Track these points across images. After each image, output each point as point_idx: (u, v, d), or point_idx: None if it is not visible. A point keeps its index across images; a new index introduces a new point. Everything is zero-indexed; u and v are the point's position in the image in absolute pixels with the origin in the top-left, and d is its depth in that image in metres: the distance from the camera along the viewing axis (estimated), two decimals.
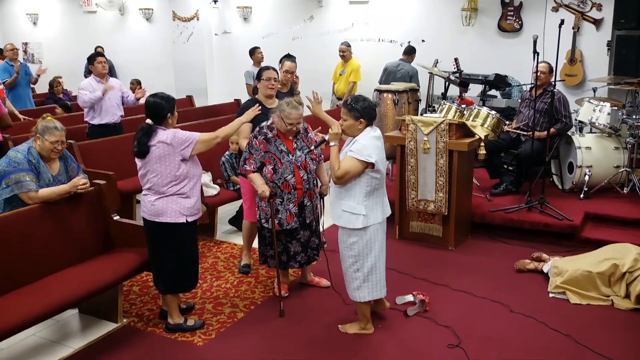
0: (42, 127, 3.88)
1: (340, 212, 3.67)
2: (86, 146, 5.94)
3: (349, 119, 3.61)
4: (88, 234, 4.16)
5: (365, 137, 3.59)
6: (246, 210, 4.80)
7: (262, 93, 4.68)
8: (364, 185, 3.59)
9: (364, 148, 3.53)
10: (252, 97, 4.84)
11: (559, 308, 4.22)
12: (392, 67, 8.24)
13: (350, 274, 3.76)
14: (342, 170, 3.52)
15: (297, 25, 10.04)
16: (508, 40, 8.32)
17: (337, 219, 3.70)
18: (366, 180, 3.59)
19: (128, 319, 4.17)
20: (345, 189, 3.62)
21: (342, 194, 3.65)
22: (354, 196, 3.61)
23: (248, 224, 4.82)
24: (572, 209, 5.53)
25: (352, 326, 3.94)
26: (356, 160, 3.52)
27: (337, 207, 3.69)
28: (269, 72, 4.65)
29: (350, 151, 3.56)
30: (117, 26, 11.95)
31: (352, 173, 3.54)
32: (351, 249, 3.70)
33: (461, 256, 5.18)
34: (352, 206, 3.61)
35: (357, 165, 3.52)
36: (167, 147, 3.63)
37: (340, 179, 3.54)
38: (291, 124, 4.03)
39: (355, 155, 3.52)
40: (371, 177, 3.59)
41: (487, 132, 5.55)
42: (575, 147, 5.94)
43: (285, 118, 4.02)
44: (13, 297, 3.51)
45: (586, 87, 7.69)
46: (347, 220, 3.64)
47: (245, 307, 4.32)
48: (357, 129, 3.62)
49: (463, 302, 4.33)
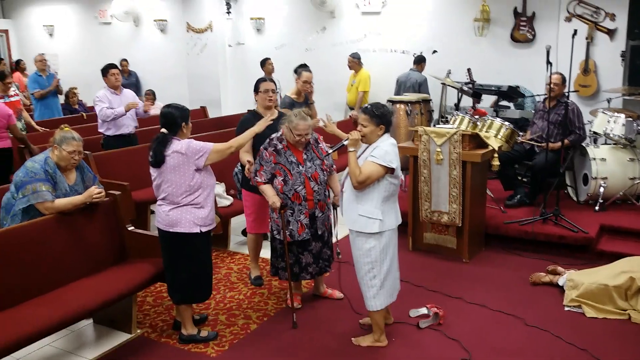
0: (60, 138, 3.92)
1: (356, 217, 3.68)
2: (101, 157, 6.00)
3: (370, 125, 3.65)
4: (103, 244, 4.19)
5: (385, 144, 3.66)
6: (250, 223, 4.80)
7: (260, 105, 4.66)
8: (382, 190, 3.64)
9: (386, 154, 3.59)
10: (251, 111, 4.81)
11: (574, 322, 4.18)
12: (403, 78, 8.28)
13: (367, 282, 3.75)
14: (364, 175, 3.56)
15: (310, 37, 10.09)
16: (521, 51, 8.30)
17: (353, 223, 3.70)
18: (385, 185, 3.64)
19: (142, 330, 4.18)
20: (363, 193, 3.65)
21: (359, 198, 3.66)
22: (371, 200, 3.64)
23: (252, 237, 4.85)
24: (587, 221, 5.48)
25: (365, 339, 3.93)
26: (378, 165, 3.57)
27: (353, 212, 3.69)
28: (266, 84, 4.64)
29: (372, 156, 3.61)
30: (132, 37, 12.07)
31: (373, 178, 3.58)
32: (368, 255, 3.70)
33: (475, 268, 5.15)
34: (369, 210, 3.64)
35: (379, 170, 3.58)
36: (181, 157, 3.66)
37: (361, 183, 3.58)
38: (300, 135, 4.04)
39: (378, 160, 3.57)
40: (390, 182, 3.65)
41: (500, 143, 5.53)
42: (590, 158, 5.90)
43: (294, 129, 4.03)
44: (28, 307, 3.54)
45: (600, 98, 7.65)
46: (363, 225, 3.65)
47: (258, 318, 4.32)
48: (377, 135, 3.68)
49: (477, 315, 4.30)
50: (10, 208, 3.87)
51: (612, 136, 5.98)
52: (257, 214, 4.70)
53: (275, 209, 4.06)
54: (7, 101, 7.12)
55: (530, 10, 8.11)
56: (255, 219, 4.72)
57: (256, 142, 4.29)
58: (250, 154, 4.45)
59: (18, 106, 7.34)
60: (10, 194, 3.91)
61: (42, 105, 8.62)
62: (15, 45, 13.99)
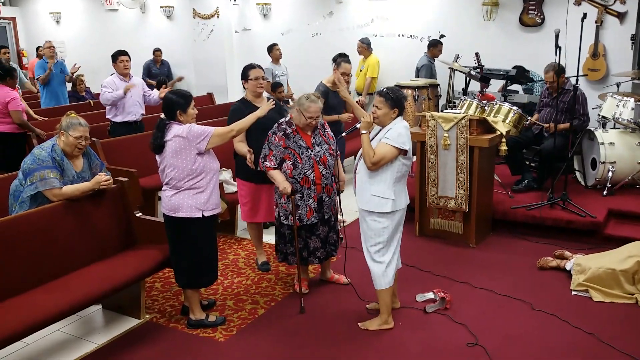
0: (66, 124, 3.94)
1: (369, 197, 3.74)
2: (109, 143, 6.02)
3: (384, 107, 3.72)
4: (111, 230, 4.21)
5: (398, 126, 3.73)
6: (246, 212, 4.81)
7: (250, 92, 4.61)
8: (395, 171, 3.71)
9: (399, 136, 3.67)
10: (241, 99, 4.72)
11: (581, 306, 4.18)
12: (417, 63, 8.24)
13: (376, 259, 3.80)
14: (379, 156, 3.64)
15: (316, 22, 10.03)
16: (530, 35, 8.23)
17: (366, 203, 3.76)
18: (398, 166, 3.71)
19: (150, 315, 4.22)
20: (376, 174, 3.72)
21: (372, 179, 3.73)
22: (384, 181, 3.71)
23: (252, 225, 4.87)
24: (595, 206, 5.46)
25: (372, 322, 3.95)
26: (392, 147, 3.65)
27: (366, 192, 3.76)
28: (256, 71, 4.59)
29: (386, 138, 3.68)
30: (139, 24, 12.06)
31: (387, 159, 3.66)
32: (380, 235, 3.76)
33: (482, 253, 5.15)
34: (381, 190, 3.71)
35: (393, 152, 3.65)
36: (182, 141, 3.67)
37: (375, 164, 3.66)
38: (311, 117, 4.05)
39: (391, 142, 3.65)
40: (402, 163, 3.73)
41: (508, 127, 5.50)
42: (598, 142, 5.86)
43: (305, 111, 4.04)
44: (38, 293, 3.57)
45: (609, 82, 7.58)
46: (376, 205, 3.72)
47: (266, 303, 4.35)
48: (390, 117, 3.75)
49: (484, 300, 4.30)
50: (18, 195, 3.90)
51: (621, 120, 5.93)
52: (253, 203, 4.72)
53: (286, 194, 4.07)
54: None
55: None
56: (252, 207, 4.74)
57: (250, 130, 4.27)
58: (244, 143, 4.44)
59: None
60: (19, 181, 3.93)
61: (48, 93, 8.62)
62: (22, 33, 14.00)
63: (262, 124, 4.20)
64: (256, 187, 4.62)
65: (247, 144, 4.43)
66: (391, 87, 3.86)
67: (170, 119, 3.75)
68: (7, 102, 6.38)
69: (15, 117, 6.44)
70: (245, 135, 4.46)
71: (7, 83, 6.56)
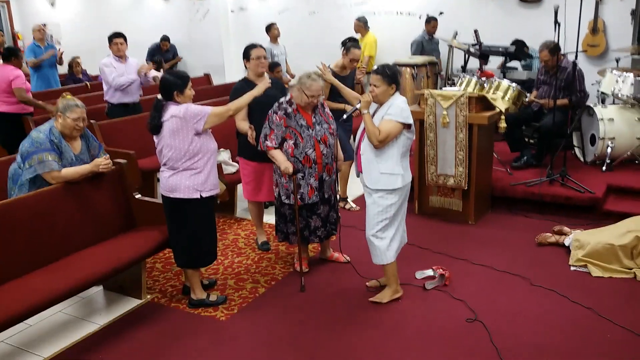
0: (63, 105, 3.92)
1: (377, 176, 3.75)
2: (106, 125, 6.00)
3: (382, 84, 3.72)
4: (110, 212, 4.22)
5: (398, 101, 3.74)
6: (249, 191, 4.82)
7: (252, 72, 4.60)
8: (401, 146, 3.74)
9: (402, 111, 3.69)
10: (243, 78, 4.71)
11: (580, 281, 4.20)
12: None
13: (380, 235, 3.82)
14: (384, 133, 3.66)
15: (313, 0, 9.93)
16: (529, 11, 8.16)
17: (375, 182, 3.76)
18: (402, 141, 3.74)
19: (152, 295, 4.24)
20: (382, 151, 3.72)
21: (379, 157, 3.74)
22: (391, 157, 3.73)
23: (250, 204, 4.88)
24: (594, 182, 5.46)
25: (383, 295, 4.00)
26: (396, 122, 3.66)
27: (374, 171, 3.76)
28: (257, 51, 4.57)
29: (389, 115, 3.69)
30: (134, 5, 11.92)
31: (392, 135, 3.67)
32: (387, 212, 3.78)
33: (481, 230, 5.17)
34: (390, 167, 3.73)
35: (398, 127, 3.67)
36: (179, 121, 3.65)
37: (382, 142, 3.67)
38: (312, 96, 4.04)
39: (395, 117, 3.67)
40: (407, 137, 3.76)
41: (507, 104, 5.48)
42: (598, 118, 5.84)
43: (307, 90, 4.02)
44: (39, 275, 3.59)
45: (609, 58, 7.53)
46: (386, 182, 3.74)
47: (267, 282, 4.37)
48: (389, 94, 3.76)
49: (483, 276, 4.33)
50: (17, 178, 3.89)
51: (620, 96, 5.91)
52: (256, 182, 4.72)
53: (285, 174, 4.06)
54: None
55: None
56: (254, 187, 4.75)
57: (252, 109, 4.25)
58: (247, 122, 4.44)
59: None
60: (17, 164, 3.93)
61: (38, 77, 8.50)
62: (17, 15, 13.86)
63: (264, 102, 4.19)
64: (259, 165, 4.61)
65: (249, 122, 4.41)
66: (386, 64, 3.86)
67: (167, 99, 3.74)
68: (11, 80, 6.39)
69: (18, 94, 6.43)
70: (247, 114, 4.45)
71: (12, 62, 6.57)
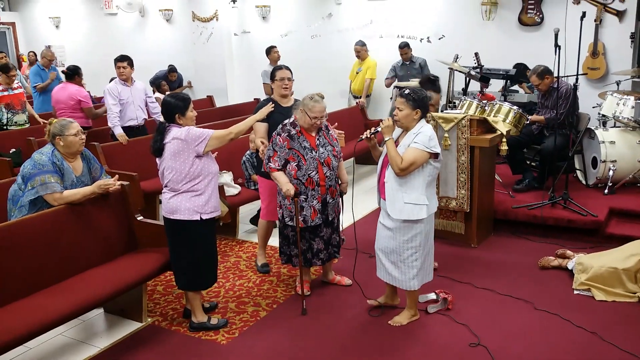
0: (59, 126, 3.96)
1: (402, 206, 3.71)
2: (110, 147, 6.03)
3: (406, 108, 3.68)
4: (112, 234, 4.22)
5: (426, 129, 3.69)
6: (263, 209, 4.82)
7: (276, 93, 4.68)
8: (427, 176, 3.69)
9: (429, 140, 3.63)
10: (267, 97, 4.83)
11: (584, 305, 4.17)
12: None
13: (409, 264, 3.82)
14: (407, 162, 3.60)
15: (315, 23, 10.04)
16: (529, 34, 8.22)
17: (399, 212, 3.72)
18: (429, 170, 3.69)
19: (152, 318, 4.22)
20: (407, 181, 3.68)
21: (404, 187, 3.69)
22: (416, 188, 3.68)
23: (264, 223, 4.87)
24: (596, 205, 5.46)
25: (402, 317, 4.01)
26: (422, 151, 3.60)
27: (398, 201, 3.71)
28: (282, 72, 4.64)
29: (415, 143, 3.62)
30: (138, 27, 12.06)
31: (417, 164, 3.62)
32: (413, 241, 3.77)
33: (484, 253, 5.15)
34: (415, 197, 3.69)
35: (424, 156, 3.62)
36: (181, 143, 3.67)
37: (404, 170, 3.62)
38: (315, 117, 4.05)
39: (421, 146, 3.61)
40: (434, 167, 3.71)
41: (509, 127, 5.49)
42: (599, 141, 5.85)
43: (309, 111, 4.04)
44: (40, 298, 3.57)
45: (609, 80, 7.57)
46: (410, 212, 3.70)
47: (268, 305, 4.35)
48: (413, 119, 3.70)
49: (486, 300, 4.30)
50: (17, 200, 3.90)
51: (621, 119, 5.93)
52: (271, 199, 4.70)
53: (289, 196, 4.06)
54: (12, 93, 7.18)
55: None
56: (269, 204, 4.74)
57: (272, 129, 4.29)
58: (262, 139, 4.46)
59: (22, 98, 7.39)
60: (17, 185, 3.94)
61: (43, 99, 8.61)
62: (22, 37, 14.02)
63: (274, 125, 4.20)
64: (274, 183, 4.61)
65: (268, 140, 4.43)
66: (413, 87, 3.82)
67: (169, 122, 3.76)
68: (80, 100, 6.96)
69: (89, 113, 7.06)
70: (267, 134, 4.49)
71: (75, 81, 7.11)
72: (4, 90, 7.10)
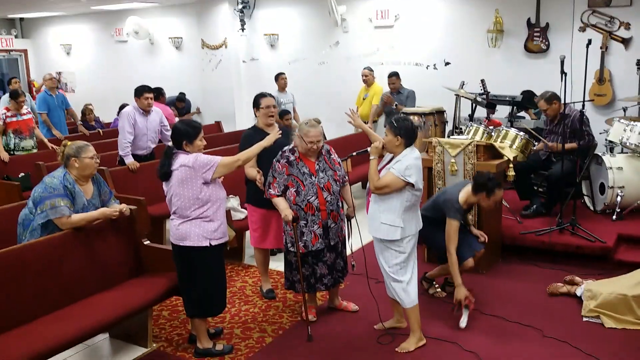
0: (75, 149, 3.97)
1: (378, 225, 3.85)
2: (118, 172, 6.07)
3: (389, 134, 3.83)
4: (119, 258, 4.22)
5: (407, 158, 3.79)
6: (255, 238, 4.82)
7: (262, 122, 4.66)
8: (404, 201, 3.79)
9: (406, 169, 3.74)
10: (252, 126, 4.78)
11: (593, 332, 4.12)
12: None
13: (396, 279, 3.89)
14: (383, 183, 3.77)
15: (323, 51, 10.14)
16: (535, 61, 8.28)
17: (375, 231, 3.88)
18: (407, 196, 3.80)
19: (158, 344, 4.20)
20: (385, 202, 3.81)
21: (382, 207, 3.83)
22: (393, 210, 3.80)
23: (258, 251, 4.87)
24: (604, 231, 5.42)
25: (408, 343, 3.98)
26: (397, 177, 3.73)
27: (376, 220, 3.86)
28: (267, 100, 4.64)
29: (393, 168, 3.77)
30: (148, 55, 12.22)
31: (391, 188, 3.76)
32: (396, 257, 3.87)
33: (492, 280, 5.11)
34: (391, 219, 3.80)
35: (398, 182, 3.74)
36: (189, 171, 3.70)
37: (379, 189, 3.79)
38: (311, 142, 4.07)
39: (397, 173, 3.73)
40: (412, 194, 3.81)
41: (516, 153, 5.50)
42: (607, 167, 5.84)
43: (305, 136, 4.06)
44: (45, 322, 3.57)
45: (616, 107, 7.59)
46: (386, 233, 3.82)
47: (274, 331, 4.32)
48: (395, 145, 3.81)
49: (495, 327, 4.25)
50: (28, 224, 3.92)
51: (628, 145, 5.92)
52: (263, 229, 4.72)
53: (288, 222, 4.07)
54: (20, 119, 7.26)
55: (543, 20, 8.09)
56: (261, 234, 4.75)
57: (260, 156, 4.28)
58: (255, 168, 4.47)
59: (30, 124, 7.46)
60: (28, 209, 3.96)
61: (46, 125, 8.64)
62: (33, 64, 14.24)
63: (273, 150, 4.23)
64: (267, 212, 4.62)
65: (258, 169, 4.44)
66: (400, 116, 3.96)
67: (177, 148, 3.79)
68: (167, 117, 7.18)
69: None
70: (256, 161, 4.48)
71: (160, 100, 7.89)
72: (13, 116, 7.19)
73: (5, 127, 7.18)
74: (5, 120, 7.15)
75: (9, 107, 7.20)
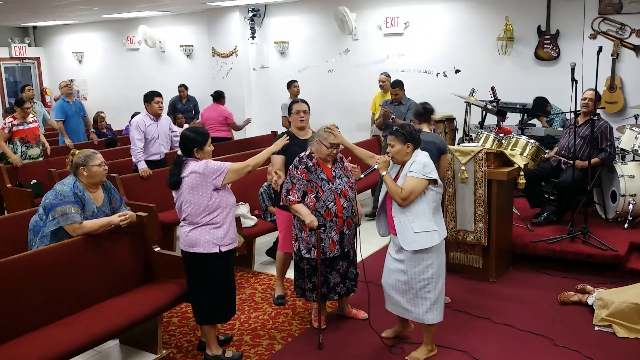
0: (83, 158, 4.01)
1: (413, 237, 3.70)
2: (129, 179, 6.11)
3: (397, 144, 3.76)
4: (129, 265, 4.24)
5: (419, 157, 3.75)
6: (281, 241, 4.83)
7: (294, 125, 4.76)
8: (431, 201, 3.73)
9: (424, 167, 3.69)
10: (285, 130, 4.91)
11: (605, 342, 4.09)
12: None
13: (422, 295, 3.79)
14: (407, 191, 3.66)
15: (332, 59, 10.17)
16: (545, 69, 8.26)
17: (411, 244, 3.71)
18: (432, 196, 3.73)
19: (167, 350, 4.20)
20: (412, 211, 3.71)
21: (410, 216, 3.72)
22: (423, 214, 3.71)
23: (282, 255, 4.86)
24: (616, 239, 5.38)
25: (419, 352, 3.94)
26: (419, 179, 3.66)
27: (408, 232, 3.72)
28: (298, 105, 4.73)
29: (411, 172, 3.70)
30: (159, 63, 12.32)
31: (416, 192, 3.67)
32: (425, 272, 3.75)
33: (503, 288, 5.08)
34: (424, 225, 3.71)
35: (422, 183, 3.67)
36: (199, 177, 3.71)
37: (405, 199, 3.67)
38: (332, 146, 4.09)
39: (417, 174, 3.67)
40: (435, 192, 3.75)
41: (526, 160, 5.48)
42: (618, 175, 5.80)
43: (325, 140, 4.08)
44: (56, 328, 3.59)
45: (627, 114, 7.55)
46: (422, 241, 3.70)
47: (283, 339, 4.31)
48: (406, 152, 3.77)
49: (505, 336, 4.23)
50: (38, 230, 3.95)
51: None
52: (288, 231, 4.71)
53: (313, 227, 4.06)
54: (27, 128, 7.31)
55: (554, 28, 8.07)
56: (286, 236, 4.74)
57: (288, 161, 4.34)
58: (283, 171, 4.48)
59: (36, 132, 7.50)
60: (38, 216, 3.99)
61: (67, 131, 8.67)
62: (46, 72, 14.39)
63: (291, 157, 4.26)
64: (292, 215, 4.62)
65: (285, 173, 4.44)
66: (402, 123, 3.95)
67: (187, 155, 3.81)
68: (226, 117, 8.94)
69: (234, 127, 9.11)
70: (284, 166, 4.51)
71: (221, 102, 8.98)
72: (19, 125, 7.23)
73: (11, 136, 7.24)
74: (12, 129, 7.20)
75: (16, 115, 7.25)
